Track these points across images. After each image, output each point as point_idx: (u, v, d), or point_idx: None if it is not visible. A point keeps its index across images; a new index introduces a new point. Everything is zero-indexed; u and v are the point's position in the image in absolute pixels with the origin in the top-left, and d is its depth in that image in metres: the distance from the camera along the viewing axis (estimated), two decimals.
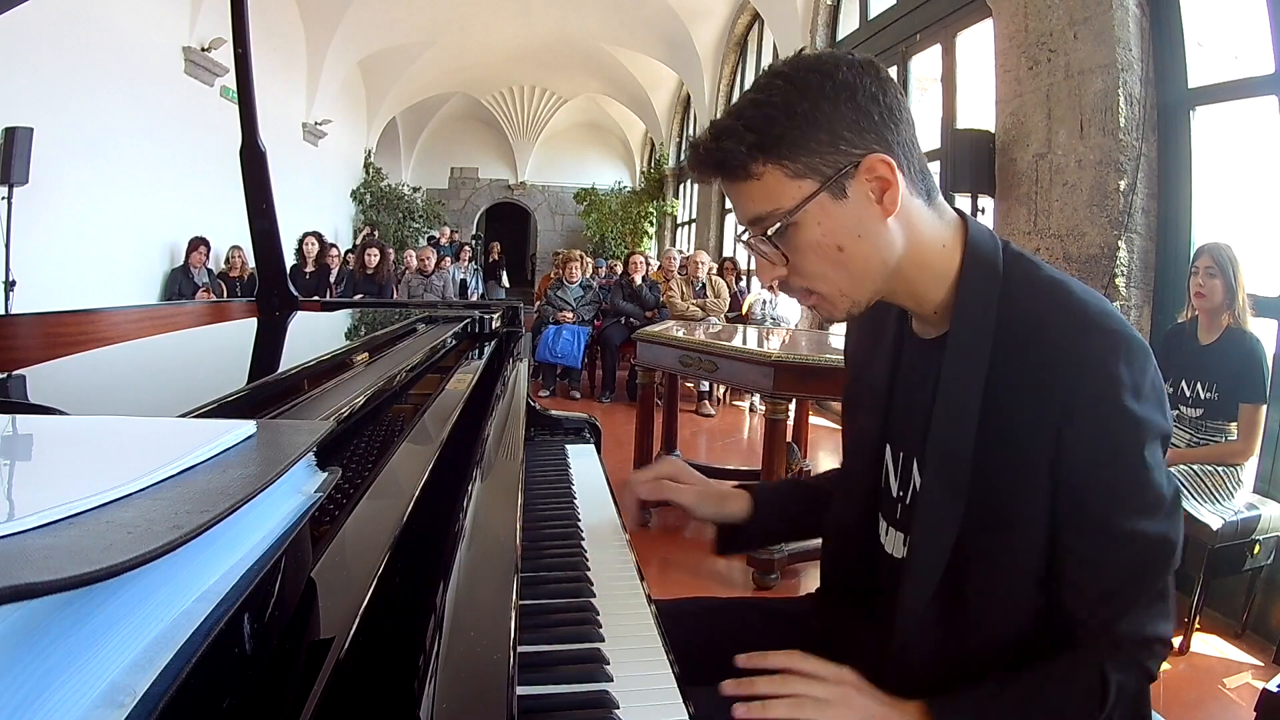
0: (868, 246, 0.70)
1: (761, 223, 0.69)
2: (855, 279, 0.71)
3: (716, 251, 8.43)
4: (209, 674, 0.29)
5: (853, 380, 0.93)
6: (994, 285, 0.71)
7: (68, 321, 1.33)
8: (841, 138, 0.67)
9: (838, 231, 0.69)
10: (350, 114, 10.55)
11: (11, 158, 4.15)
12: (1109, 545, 0.67)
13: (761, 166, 0.67)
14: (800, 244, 0.69)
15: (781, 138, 0.66)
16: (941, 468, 0.72)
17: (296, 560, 0.41)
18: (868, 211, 0.69)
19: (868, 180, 0.68)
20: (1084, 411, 0.65)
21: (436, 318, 1.51)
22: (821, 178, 0.67)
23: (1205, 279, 2.33)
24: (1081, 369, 0.65)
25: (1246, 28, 2.70)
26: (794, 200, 0.67)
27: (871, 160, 0.67)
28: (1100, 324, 0.66)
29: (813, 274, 0.71)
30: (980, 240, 0.74)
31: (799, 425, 3.77)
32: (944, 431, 0.71)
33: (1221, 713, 1.96)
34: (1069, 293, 0.69)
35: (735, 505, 0.97)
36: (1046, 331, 0.67)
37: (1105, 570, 0.68)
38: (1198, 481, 2.25)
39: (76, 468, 0.35)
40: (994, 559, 0.70)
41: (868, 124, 0.67)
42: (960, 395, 0.70)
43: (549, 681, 0.67)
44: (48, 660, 0.22)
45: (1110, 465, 0.66)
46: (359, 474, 0.70)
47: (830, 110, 0.66)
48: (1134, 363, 0.65)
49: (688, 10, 8.48)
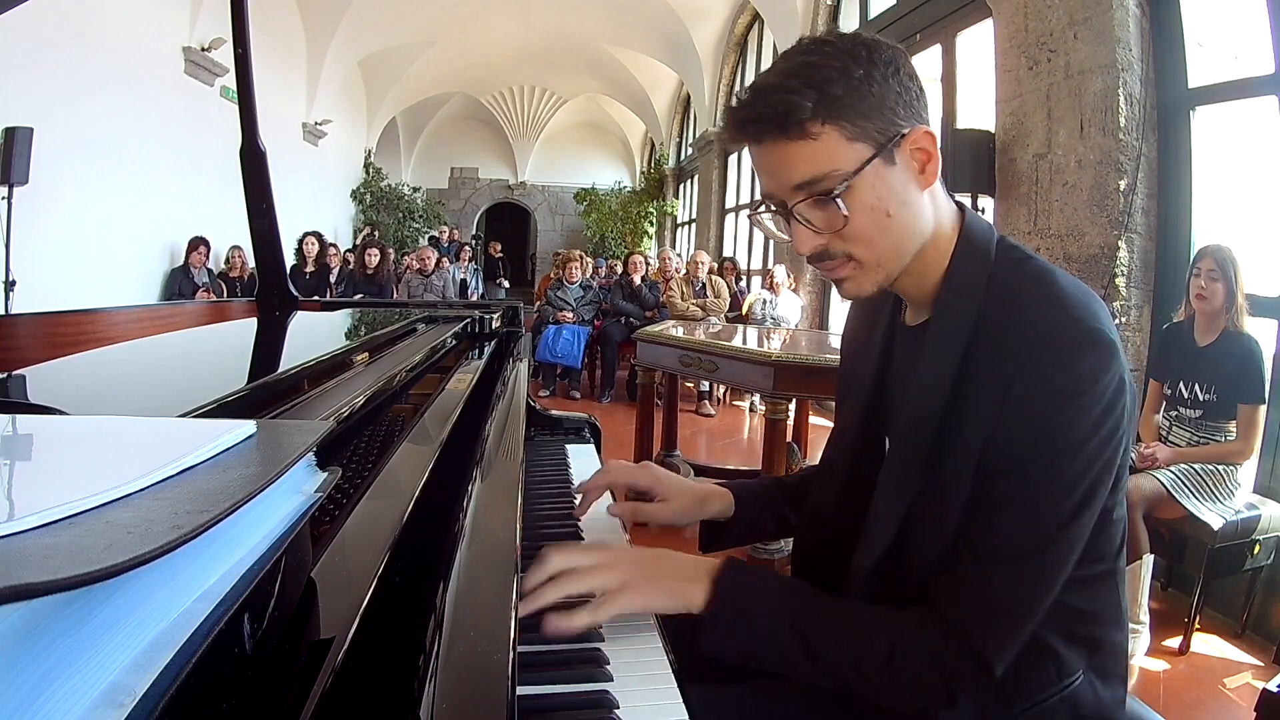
0: (909, 215, 0.71)
1: (818, 184, 0.68)
2: (894, 248, 0.71)
3: (716, 251, 8.43)
4: (209, 674, 0.29)
5: (843, 373, 0.94)
6: (983, 270, 0.72)
7: (68, 321, 1.33)
8: (891, 108, 0.68)
9: (888, 197, 0.69)
10: (350, 114, 10.55)
11: (11, 158, 4.16)
12: (988, 509, 0.66)
13: (820, 126, 0.66)
14: (856, 206, 0.69)
15: (840, 99, 0.66)
16: (905, 436, 0.73)
17: (296, 560, 0.41)
18: (911, 181, 0.70)
19: (912, 150, 0.69)
20: (1031, 378, 0.64)
21: (436, 318, 1.51)
22: (875, 143, 0.68)
23: (1208, 282, 2.33)
24: (1043, 344, 0.64)
25: (1246, 28, 2.70)
26: (852, 163, 0.67)
27: (917, 132, 0.69)
28: (1074, 312, 0.66)
29: (861, 239, 0.70)
30: (976, 227, 0.75)
31: (799, 425, 3.77)
32: (913, 403, 0.72)
33: (1221, 713, 1.96)
34: (1053, 282, 0.70)
35: (717, 505, 0.97)
36: (1022, 313, 0.67)
37: (976, 535, 0.67)
38: (1198, 481, 2.25)
39: (76, 468, 0.35)
40: (934, 529, 0.70)
41: (909, 99, 0.69)
42: (933, 370, 0.71)
43: (549, 681, 0.67)
44: (47, 660, 0.22)
45: (1030, 434, 0.64)
46: (359, 474, 0.70)
47: (881, 80, 0.67)
48: (1099, 355, 0.64)
49: (688, 10, 8.48)
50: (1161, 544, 2.31)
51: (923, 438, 0.71)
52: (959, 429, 0.68)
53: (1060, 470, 0.64)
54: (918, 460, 0.71)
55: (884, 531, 0.72)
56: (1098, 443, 0.64)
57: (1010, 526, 0.66)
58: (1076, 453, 0.64)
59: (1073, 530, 0.66)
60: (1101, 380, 0.63)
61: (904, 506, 0.71)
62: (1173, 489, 2.22)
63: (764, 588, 0.73)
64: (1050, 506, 0.65)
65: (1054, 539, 0.65)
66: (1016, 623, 0.66)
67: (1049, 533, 0.65)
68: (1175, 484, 2.23)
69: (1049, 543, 0.65)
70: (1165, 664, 2.16)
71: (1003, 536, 0.66)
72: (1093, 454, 0.64)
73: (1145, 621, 2.19)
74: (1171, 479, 2.24)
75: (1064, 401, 0.63)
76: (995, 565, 0.66)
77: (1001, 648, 0.66)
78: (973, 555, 0.67)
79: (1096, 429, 0.64)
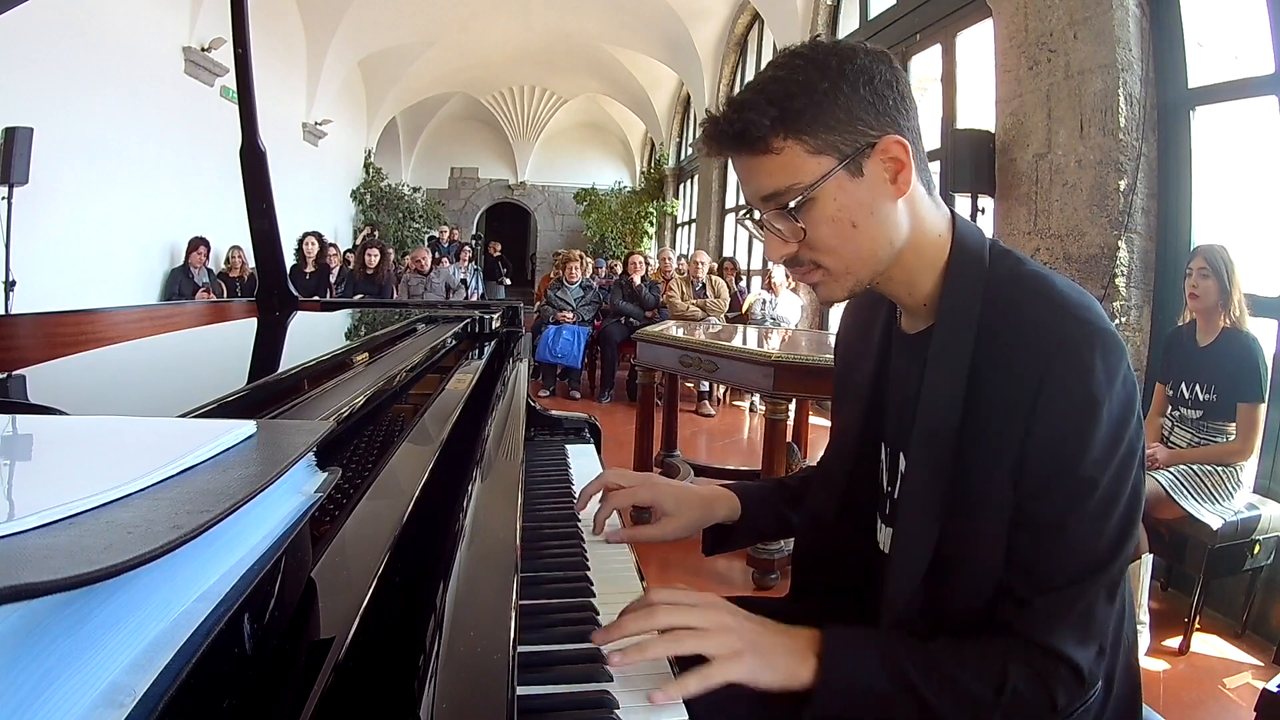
0: (879, 225, 0.71)
1: (779, 197, 0.70)
2: (864, 257, 0.72)
3: (716, 251, 8.43)
4: (209, 674, 0.29)
5: (837, 378, 0.94)
6: (979, 277, 0.72)
7: (68, 321, 1.33)
8: (859, 119, 0.68)
9: (853, 208, 0.70)
10: (350, 114, 10.55)
11: (11, 158, 4.16)
12: (1047, 536, 0.67)
13: (782, 141, 0.68)
14: (816, 218, 0.70)
15: (803, 113, 0.67)
16: (924, 457, 0.72)
17: (296, 560, 0.41)
18: (882, 191, 0.70)
19: (883, 160, 0.69)
20: (1051, 392, 0.65)
21: (436, 318, 1.51)
22: (840, 155, 0.68)
23: (1198, 280, 2.34)
24: (1055, 351, 0.65)
25: (1246, 28, 2.69)
26: (813, 176, 0.68)
27: (887, 141, 0.69)
28: (1078, 314, 0.67)
29: (825, 249, 0.71)
30: (968, 234, 0.75)
31: (799, 425, 3.77)
32: (927, 420, 0.72)
33: (1221, 713, 1.96)
34: (1050, 285, 0.70)
35: (724, 509, 0.96)
36: (1025, 319, 0.68)
37: (1039, 564, 0.67)
38: (1198, 482, 2.25)
39: (76, 468, 0.35)
40: (971, 549, 0.70)
41: (883, 108, 0.69)
42: (944, 383, 0.71)
43: (549, 681, 0.67)
44: (48, 660, 0.22)
45: (1066, 452, 0.65)
46: (359, 474, 0.70)
47: (849, 91, 0.67)
48: (1109, 355, 0.65)
49: (688, 10, 8.48)
50: (1161, 544, 2.31)
51: (943, 455, 0.70)
52: (980, 444, 0.68)
53: (1102, 479, 0.65)
54: (940, 479, 0.70)
55: (918, 554, 0.72)
56: (1128, 441, 0.66)
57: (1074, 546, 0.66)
58: (1110, 456, 0.65)
59: (1128, 527, 0.67)
60: (1116, 380, 0.65)
61: (936, 527, 0.71)
62: (1171, 490, 2.22)
63: (867, 656, 0.69)
64: (1104, 517, 0.66)
65: (1117, 542, 0.67)
66: (1099, 627, 0.68)
67: (1112, 539, 0.67)
68: (1174, 485, 2.23)
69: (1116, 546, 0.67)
70: (1165, 664, 2.16)
71: (1069, 557, 0.67)
72: (1125, 452, 0.66)
73: (1145, 621, 2.19)
74: (1170, 480, 2.24)
75: (1089, 410, 0.64)
76: (1071, 587, 0.67)
77: (1091, 655, 0.67)
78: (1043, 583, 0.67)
79: (1124, 425, 0.65)
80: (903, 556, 0.73)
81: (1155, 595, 2.51)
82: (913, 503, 0.73)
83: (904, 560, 0.73)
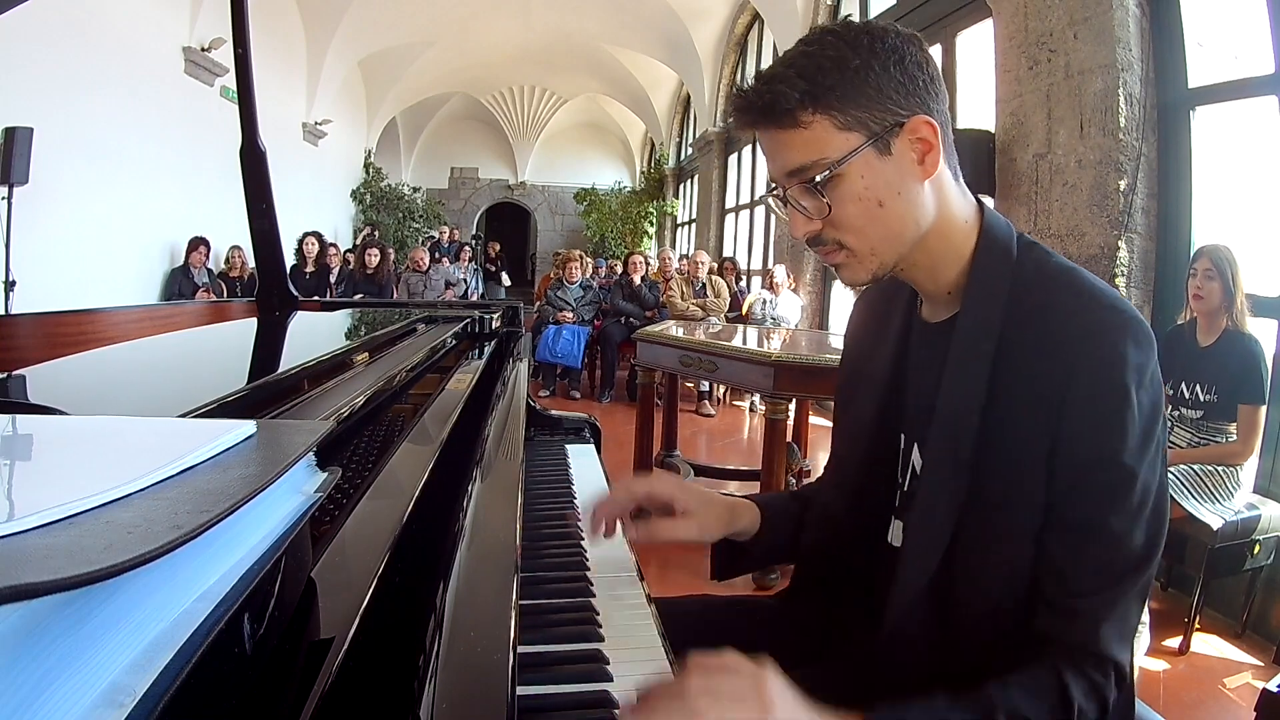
0: (905, 206, 0.70)
1: (805, 172, 0.69)
2: (889, 237, 0.71)
3: (716, 251, 8.43)
4: (209, 674, 0.29)
5: (849, 370, 0.92)
6: (1007, 267, 0.72)
7: (68, 321, 1.33)
8: (889, 97, 0.68)
9: (879, 187, 0.69)
10: (350, 114, 10.55)
11: (11, 158, 4.16)
12: (1088, 534, 0.65)
13: (810, 115, 0.68)
14: (842, 195, 0.69)
15: (833, 89, 0.67)
16: (944, 448, 0.71)
17: (296, 560, 0.41)
18: (909, 171, 0.70)
19: (911, 141, 0.69)
20: (1084, 383, 0.64)
21: (436, 318, 1.51)
22: (868, 132, 0.68)
23: (1203, 281, 2.33)
24: (1086, 341, 0.64)
25: (1246, 28, 2.70)
26: (840, 151, 0.68)
27: (916, 121, 0.68)
28: (1111, 304, 0.66)
29: (849, 228, 0.71)
30: (996, 224, 0.75)
31: (799, 425, 3.77)
32: (948, 410, 0.71)
33: (1221, 713, 1.96)
34: (1080, 277, 0.70)
35: (746, 519, 0.89)
36: (1055, 311, 0.67)
37: (1080, 565, 0.66)
38: (1198, 482, 2.25)
39: (76, 468, 0.35)
40: (989, 544, 0.68)
41: (913, 88, 0.68)
42: (966, 374, 0.70)
43: (549, 681, 0.67)
44: (48, 660, 0.22)
45: (1103, 442, 0.64)
46: (359, 474, 0.70)
47: (880, 70, 0.67)
48: (1140, 345, 0.64)
49: (688, 10, 8.48)
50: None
51: (963, 444, 0.69)
52: (1004, 435, 0.67)
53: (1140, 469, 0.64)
54: (960, 471, 0.69)
55: (930, 551, 0.70)
56: (1158, 434, 0.65)
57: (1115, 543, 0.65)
58: (1146, 447, 0.65)
59: (1161, 522, 0.66)
60: (1146, 371, 0.64)
61: (954, 517, 0.69)
62: (1171, 490, 2.22)
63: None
64: (1142, 510, 0.65)
65: (1153, 537, 0.66)
66: (1133, 627, 0.67)
67: (1149, 534, 0.66)
68: (1174, 485, 2.23)
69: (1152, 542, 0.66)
70: (1165, 664, 2.16)
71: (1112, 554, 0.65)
72: (1156, 444, 0.65)
73: (1145, 621, 2.19)
74: (1170, 480, 2.24)
75: (1124, 399, 0.63)
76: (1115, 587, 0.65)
77: (1129, 656, 0.67)
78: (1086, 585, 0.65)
79: (1155, 416, 0.65)
80: (915, 550, 0.72)
81: (1155, 595, 2.51)
82: (929, 494, 0.72)
83: (916, 554, 0.72)
